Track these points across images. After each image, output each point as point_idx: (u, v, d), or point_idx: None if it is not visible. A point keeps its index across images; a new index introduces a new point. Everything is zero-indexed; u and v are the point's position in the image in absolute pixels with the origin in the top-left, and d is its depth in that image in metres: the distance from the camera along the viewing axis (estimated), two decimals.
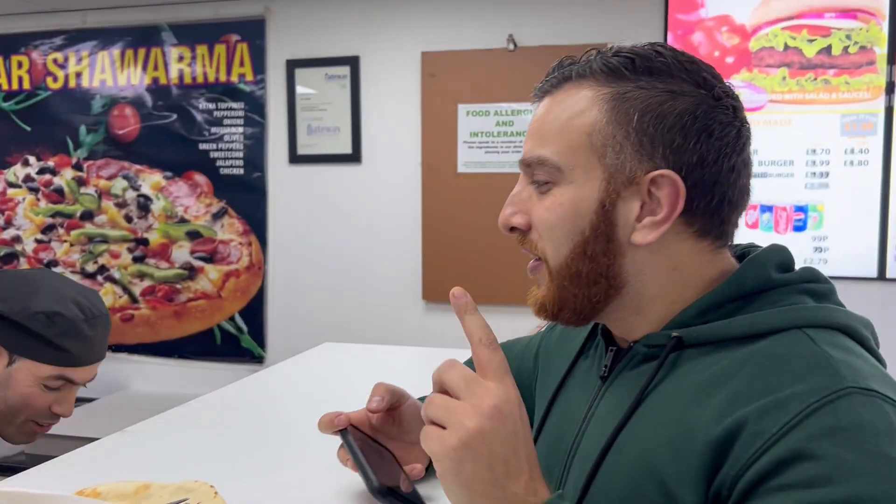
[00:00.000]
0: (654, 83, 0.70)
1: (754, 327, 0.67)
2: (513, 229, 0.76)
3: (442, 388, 0.64)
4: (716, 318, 0.69)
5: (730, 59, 2.91)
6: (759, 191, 2.89)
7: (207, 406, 1.64)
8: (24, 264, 3.80)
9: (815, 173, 2.84)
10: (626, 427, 0.69)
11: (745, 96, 2.88)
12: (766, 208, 2.89)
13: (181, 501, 0.94)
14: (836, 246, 2.83)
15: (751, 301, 0.70)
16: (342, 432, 0.89)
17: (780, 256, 0.74)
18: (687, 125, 0.69)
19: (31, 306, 1.38)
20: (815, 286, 0.72)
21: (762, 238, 2.86)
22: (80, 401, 3.64)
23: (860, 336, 0.69)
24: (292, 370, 2.16)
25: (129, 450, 1.34)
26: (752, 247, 0.78)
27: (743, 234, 0.78)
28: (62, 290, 1.44)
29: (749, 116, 0.79)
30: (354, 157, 3.34)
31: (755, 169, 2.91)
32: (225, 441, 1.40)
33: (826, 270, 2.68)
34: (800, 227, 2.86)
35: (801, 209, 2.86)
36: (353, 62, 3.31)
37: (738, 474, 0.58)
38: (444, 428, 0.61)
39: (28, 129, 3.77)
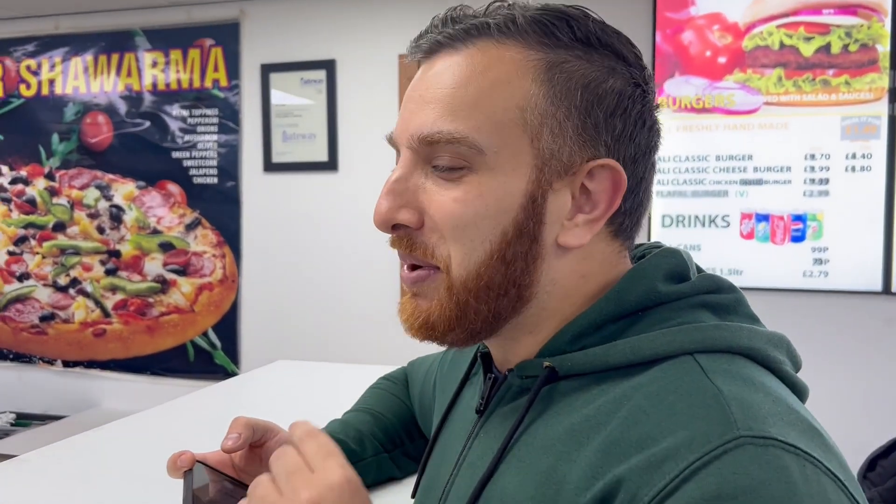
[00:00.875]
0: (591, 54, 0.56)
1: (637, 354, 0.53)
2: (395, 227, 0.59)
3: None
4: (595, 343, 0.55)
5: (722, 59, 2.74)
6: (755, 199, 2.71)
7: (121, 431, 1.49)
8: None
9: (814, 180, 2.66)
10: (493, 478, 0.56)
11: (739, 98, 2.71)
12: (762, 217, 2.70)
13: None
14: (837, 257, 2.64)
15: (636, 320, 0.56)
16: (186, 474, 0.74)
17: (670, 263, 0.58)
18: (627, 110, 0.56)
19: None
20: (716, 298, 0.57)
21: (759, 250, 2.68)
22: (49, 418, 3.52)
23: (768, 359, 0.54)
24: (235, 390, 2.00)
25: (24, 476, 1.20)
26: (656, 247, 0.63)
27: (738, 245, 0.63)
28: None
29: (743, 120, 0.64)
30: (331, 164, 3.20)
31: (750, 175, 2.67)
32: (123, 471, 1.25)
33: (827, 284, 2.47)
34: (798, 238, 2.67)
35: (799, 218, 2.68)
36: (329, 66, 3.17)
37: None
38: None
39: (1, 137, 3.66)
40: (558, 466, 0.51)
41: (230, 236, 3.37)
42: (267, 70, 3.25)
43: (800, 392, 0.56)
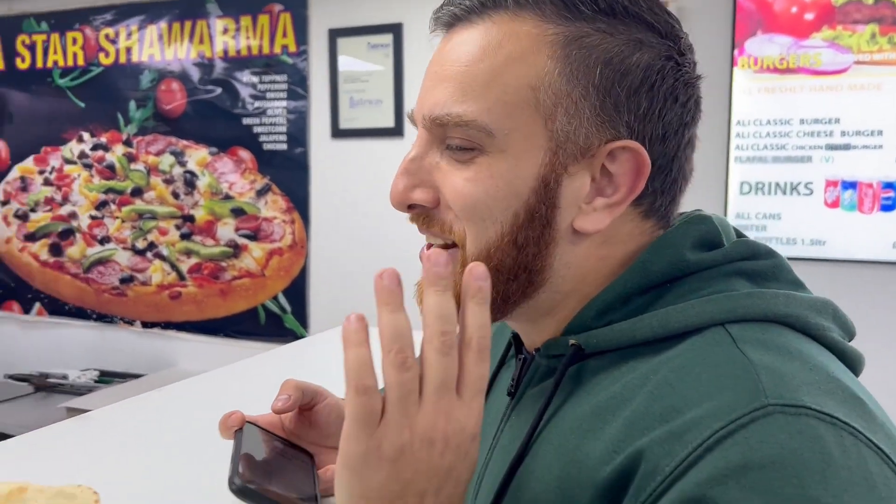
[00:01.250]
0: (616, 27, 0.53)
1: (665, 327, 0.50)
2: (412, 206, 0.59)
3: (426, 358, 0.47)
4: (621, 318, 0.53)
5: (809, 16, 2.57)
6: (842, 165, 2.55)
7: (185, 391, 1.52)
8: (80, 241, 3.84)
9: None
10: (525, 461, 0.54)
11: (827, 57, 2.54)
12: (849, 185, 2.55)
13: None
14: None
15: (664, 292, 0.52)
16: (237, 433, 0.75)
17: (699, 230, 0.55)
18: (655, 86, 0.53)
19: None
20: (752, 265, 0.53)
21: (844, 219, 2.53)
22: (129, 376, 3.67)
23: (809, 326, 0.50)
24: (299, 353, 2.03)
25: (69, 438, 1.23)
26: (696, 213, 0.59)
27: (822, 214, 0.59)
28: None
29: (831, 80, 0.59)
30: (397, 130, 3.18)
31: (836, 140, 2.53)
32: (183, 430, 1.27)
33: None
34: (888, 207, 2.51)
35: (890, 186, 2.51)
36: (395, 30, 3.13)
37: None
38: (383, 416, 0.46)
39: (82, 105, 3.79)
40: (583, 445, 0.49)
41: (299, 202, 3.41)
42: (334, 35, 3.24)
43: (850, 360, 0.52)
